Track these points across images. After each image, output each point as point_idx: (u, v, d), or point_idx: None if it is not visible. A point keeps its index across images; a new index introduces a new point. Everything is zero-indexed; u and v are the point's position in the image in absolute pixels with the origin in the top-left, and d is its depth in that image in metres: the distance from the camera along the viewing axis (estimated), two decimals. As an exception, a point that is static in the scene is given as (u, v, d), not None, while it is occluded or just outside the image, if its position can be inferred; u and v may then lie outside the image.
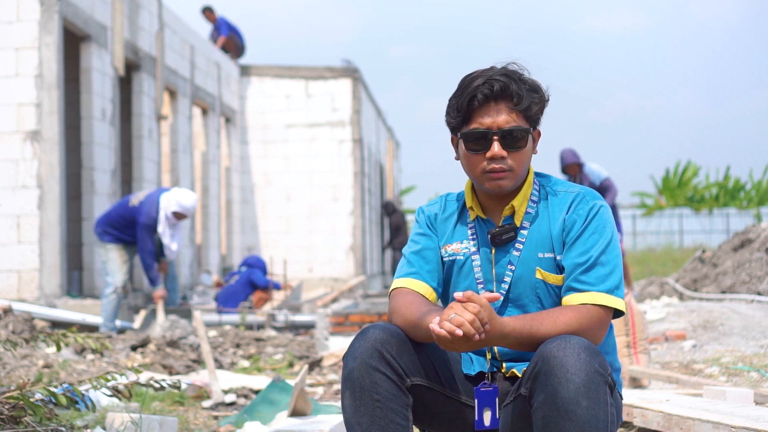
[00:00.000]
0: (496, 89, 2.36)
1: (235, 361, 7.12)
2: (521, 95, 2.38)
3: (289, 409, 4.49)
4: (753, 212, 35.33)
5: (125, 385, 3.58)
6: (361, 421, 2.28)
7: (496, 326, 2.23)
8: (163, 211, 8.52)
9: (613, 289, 2.35)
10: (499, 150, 2.37)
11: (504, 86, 2.37)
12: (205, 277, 14.47)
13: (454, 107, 2.42)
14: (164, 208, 8.53)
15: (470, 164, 2.42)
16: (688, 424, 3.25)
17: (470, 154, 2.41)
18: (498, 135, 2.37)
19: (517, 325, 2.26)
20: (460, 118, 2.41)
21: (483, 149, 2.39)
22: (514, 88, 2.37)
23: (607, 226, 2.40)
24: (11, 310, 7.56)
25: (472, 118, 2.39)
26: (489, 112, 2.38)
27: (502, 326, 2.25)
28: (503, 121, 2.37)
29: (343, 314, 9.15)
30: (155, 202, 8.56)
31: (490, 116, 2.38)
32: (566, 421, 2.13)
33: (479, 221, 2.50)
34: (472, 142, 2.40)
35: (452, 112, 2.43)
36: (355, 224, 17.24)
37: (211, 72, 15.56)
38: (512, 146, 2.39)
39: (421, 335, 2.34)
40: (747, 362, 5.96)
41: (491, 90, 2.36)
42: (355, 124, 17.25)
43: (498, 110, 2.38)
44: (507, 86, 2.37)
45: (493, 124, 2.37)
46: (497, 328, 2.24)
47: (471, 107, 2.38)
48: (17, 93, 9.73)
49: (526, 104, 2.38)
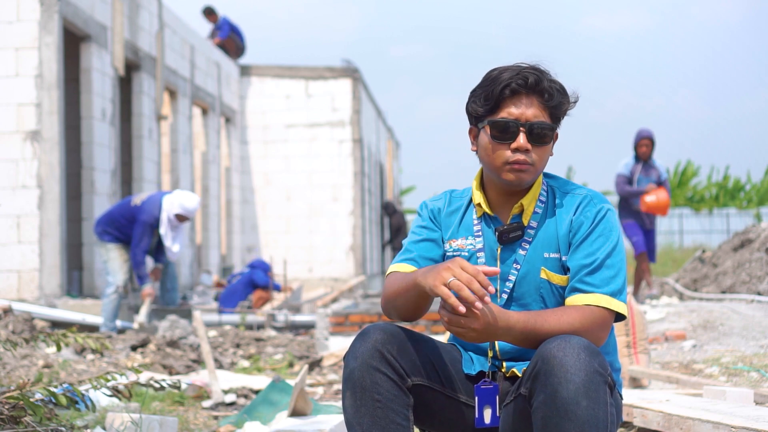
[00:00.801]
0: (530, 81, 2.37)
1: (235, 361, 7.12)
2: (552, 93, 2.39)
3: (289, 409, 4.49)
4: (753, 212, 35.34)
5: (125, 385, 3.58)
6: (361, 422, 2.28)
7: (502, 317, 2.23)
8: (165, 213, 8.57)
9: (617, 292, 2.35)
10: (525, 142, 2.37)
11: (537, 80, 2.37)
12: (205, 277, 14.47)
13: (481, 96, 2.42)
14: (167, 210, 8.57)
15: (492, 154, 2.41)
16: (688, 424, 3.25)
17: (494, 143, 2.40)
18: (525, 127, 2.38)
19: (522, 319, 2.26)
20: (488, 106, 2.40)
21: (509, 139, 2.39)
22: (546, 84, 2.38)
23: (614, 230, 2.41)
24: (11, 310, 7.57)
25: (501, 107, 2.39)
26: (519, 103, 2.38)
27: (508, 318, 2.24)
28: (532, 115, 2.38)
29: (343, 314, 9.15)
30: (158, 202, 8.60)
31: (519, 108, 2.38)
32: (566, 421, 2.13)
33: (486, 218, 2.50)
34: (498, 131, 2.39)
35: (479, 100, 2.42)
36: (355, 224, 17.24)
37: (211, 72, 15.56)
38: (537, 141, 2.39)
39: (411, 296, 2.34)
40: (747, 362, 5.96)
41: (525, 81, 2.37)
42: (355, 124, 17.25)
43: (529, 103, 2.38)
44: (540, 81, 2.38)
45: (521, 115, 2.38)
46: (503, 319, 2.23)
47: (502, 96, 2.38)
48: (17, 93, 9.74)
49: (556, 102, 2.39)
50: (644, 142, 10.04)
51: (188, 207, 8.61)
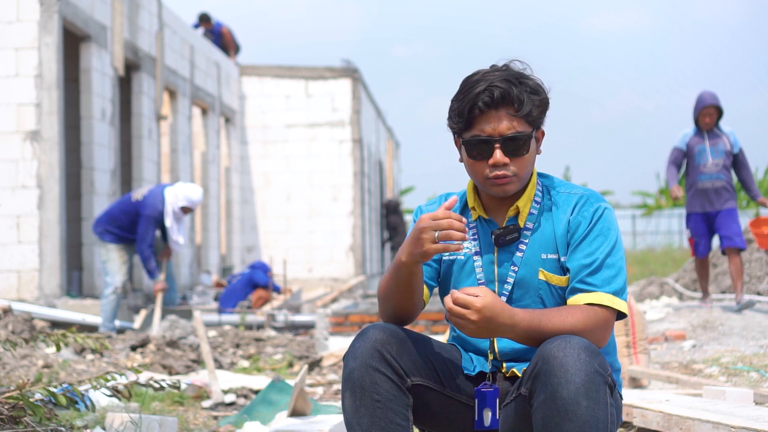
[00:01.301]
0: (496, 96, 2.34)
1: (234, 361, 7.12)
2: (522, 100, 2.36)
3: (289, 409, 4.49)
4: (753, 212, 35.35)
5: (125, 385, 3.58)
6: (361, 422, 2.28)
7: (507, 313, 2.23)
8: (170, 206, 8.59)
9: (618, 291, 2.35)
10: (501, 157, 2.36)
11: (504, 92, 2.34)
12: (204, 277, 14.48)
13: (456, 112, 2.41)
14: (171, 203, 8.59)
15: (473, 171, 2.42)
16: (688, 424, 3.25)
17: (473, 161, 2.41)
18: (499, 142, 2.36)
19: (527, 317, 2.26)
20: (462, 123, 2.40)
21: (485, 156, 2.38)
22: (515, 93, 2.35)
23: (612, 229, 2.40)
24: (11, 310, 7.57)
25: (474, 125, 2.38)
26: (490, 119, 2.36)
27: (513, 315, 2.24)
28: (504, 128, 2.36)
29: (342, 314, 9.15)
30: (160, 195, 8.61)
31: (491, 124, 2.36)
32: (566, 421, 2.12)
33: (481, 221, 2.50)
34: (474, 149, 2.39)
35: (454, 117, 2.42)
36: (355, 224, 17.24)
37: (210, 72, 15.55)
38: (514, 153, 2.37)
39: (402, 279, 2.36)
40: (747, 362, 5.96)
41: (492, 98, 2.34)
42: (355, 124, 17.25)
43: (499, 117, 2.36)
44: (507, 92, 2.34)
45: (494, 131, 2.36)
46: (508, 315, 2.23)
47: (472, 115, 2.37)
48: (17, 93, 9.73)
49: (527, 110, 2.37)
50: (707, 111, 7.95)
51: (194, 199, 8.70)
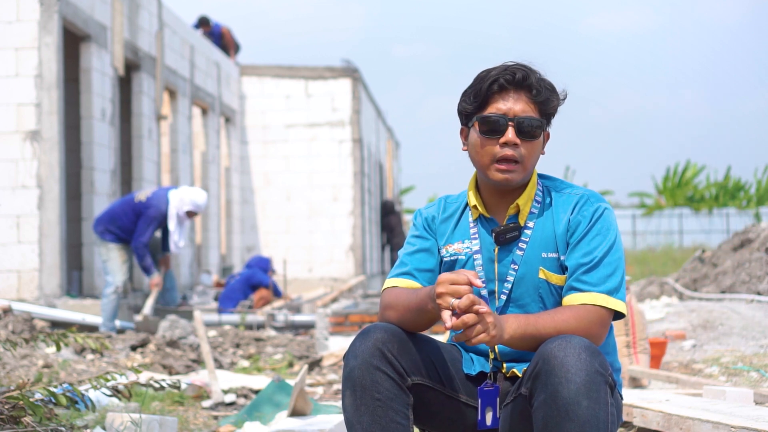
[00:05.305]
0: (517, 77, 2.38)
1: (234, 361, 7.12)
2: (540, 89, 2.40)
3: (289, 409, 4.49)
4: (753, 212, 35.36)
5: (125, 385, 3.58)
6: (361, 420, 2.28)
7: (499, 326, 2.23)
8: (174, 209, 8.60)
9: (613, 290, 2.35)
10: (513, 137, 2.38)
11: (525, 76, 2.39)
12: (204, 277, 14.48)
13: (471, 93, 2.43)
14: (176, 206, 8.60)
15: (481, 150, 2.42)
16: (688, 424, 3.25)
17: (483, 139, 2.41)
18: (514, 122, 2.38)
19: (518, 325, 2.26)
20: (477, 103, 2.42)
21: (497, 134, 2.39)
22: (534, 80, 2.39)
23: (611, 228, 2.41)
24: (11, 310, 7.56)
25: (489, 103, 2.40)
26: (507, 98, 2.39)
27: (504, 327, 2.25)
28: (520, 110, 2.39)
29: (342, 314, 9.15)
30: (164, 198, 8.61)
31: (507, 103, 2.39)
32: (566, 421, 2.12)
33: (482, 220, 2.50)
34: (487, 126, 2.40)
35: (468, 98, 2.44)
36: (355, 224, 17.23)
37: (210, 72, 15.55)
38: (526, 135, 2.39)
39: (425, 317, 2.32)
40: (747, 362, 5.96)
41: (513, 77, 2.38)
42: (355, 124, 17.25)
43: (517, 98, 2.39)
44: (528, 76, 2.39)
45: (509, 110, 2.39)
46: (499, 328, 2.23)
47: (490, 92, 2.40)
48: (17, 93, 9.73)
49: (544, 97, 2.40)
50: None
51: (200, 203, 8.71)
